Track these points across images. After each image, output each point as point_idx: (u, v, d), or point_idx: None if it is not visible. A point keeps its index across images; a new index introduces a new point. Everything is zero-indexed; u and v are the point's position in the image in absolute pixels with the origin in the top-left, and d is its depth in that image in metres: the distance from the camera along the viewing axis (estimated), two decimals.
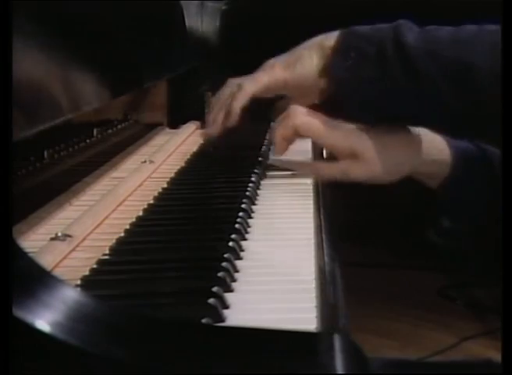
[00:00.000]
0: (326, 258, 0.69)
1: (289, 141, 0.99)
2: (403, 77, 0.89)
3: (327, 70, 0.94)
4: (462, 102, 0.87)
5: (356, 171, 0.93)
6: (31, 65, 0.77)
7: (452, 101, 0.87)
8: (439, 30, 0.92)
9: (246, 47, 1.68)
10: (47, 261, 0.65)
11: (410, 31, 0.90)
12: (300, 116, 0.96)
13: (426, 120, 0.92)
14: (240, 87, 1.00)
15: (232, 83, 1.03)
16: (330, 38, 0.96)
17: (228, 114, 1.00)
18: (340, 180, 0.95)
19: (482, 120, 0.86)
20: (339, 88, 0.92)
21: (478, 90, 0.85)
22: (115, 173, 1.02)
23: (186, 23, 1.47)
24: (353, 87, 0.91)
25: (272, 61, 1.02)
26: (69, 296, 0.46)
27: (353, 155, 0.93)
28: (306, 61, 0.97)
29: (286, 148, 0.99)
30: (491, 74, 0.83)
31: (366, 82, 0.90)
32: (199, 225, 0.80)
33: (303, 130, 0.96)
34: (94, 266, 0.67)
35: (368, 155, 0.92)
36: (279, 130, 0.99)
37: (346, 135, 0.94)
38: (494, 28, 0.86)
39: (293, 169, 1.01)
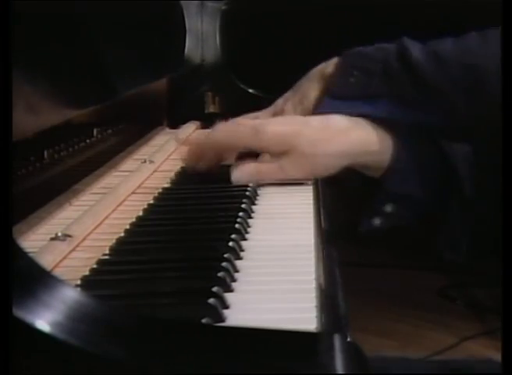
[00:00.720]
0: (326, 258, 0.69)
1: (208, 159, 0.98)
2: (413, 92, 0.91)
3: (328, 90, 0.97)
4: (475, 109, 0.89)
5: (291, 168, 0.91)
6: (31, 65, 0.77)
7: (464, 108, 0.89)
8: (442, 41, 0.94)
9: (246, 47, 1.68)
10: (47, 261, 0.65)
11: (413, 46, 0.92)
12: (216, 132, 0.97)
13: (438, 131, 0.92)
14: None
15: (245, 127, 0.95)
16: (329, 65, 0.98)
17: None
18: (280, 180, 0.93)
19: (494, 124, 0.86)
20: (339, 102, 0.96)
21: (490, 93, 0.86)
22: (115, 173, 1.02)
23: (186, 23, 1.47)
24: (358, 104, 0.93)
25: (280, 103, 1.05)
26: (69, 296, 0.46)
27: (285, 152, 0.90)
28: (311, 94, 0.99)
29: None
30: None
31: (372, 97, 0.92)
32: (199, 225, 0.80)
33: (220, 146, 0.96)
34: (94, 266, 0.67)
35: (299, 151, 0.90)
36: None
37: (275, 133, 0.91)
38: (497, 30, 0.87)
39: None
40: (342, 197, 0.95)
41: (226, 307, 0.57)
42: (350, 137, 0.92)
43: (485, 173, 0.87)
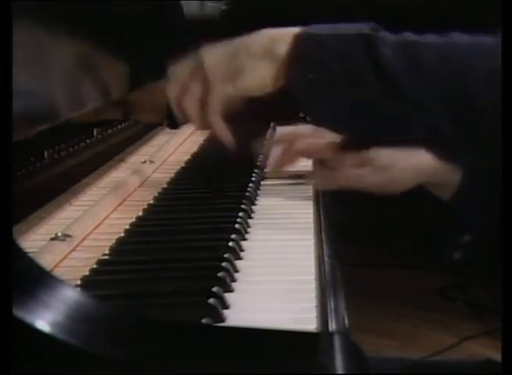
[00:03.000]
0: (326, 258, 0.69)
1: (291, 163, 1.00)
2: (383, 97, 0.77)
3: (286, 84, 0.83)
4: (462, 126, 0.77)
5: (369, 178, 0.90)
6: (31, 65, 0.77)
7: (450, 127, 0.76)
8: (421, 40, 0.78)
9: None
10: (47, 261, 0.65)
11: (384, 43, 0.77)
12: (303, 141, 0.96)
13: (412, 142, 0.84)
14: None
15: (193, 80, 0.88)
16: (281, 44, 0.81)
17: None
18: (352, 187, 0.92)
19: (488, 140, 0.77)
20: (302, 102, 0.83)
21: (478, 121, 0.75)
22: (115, 173, 1.02)
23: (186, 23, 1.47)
24: (321, 103, 0.81)
25: (207, 73, 0.86)
26: (69, 296, 0.46)
27: (364, 163, 0.90)
28: (254, 73, 0.83)
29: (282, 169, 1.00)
30: (492, 106, 0.73)
31: (335, 98, 0.80)
32: (199, 225, 0.80)
33: (308, 154, 0.97)
34: (94, 266, 0.67)
35: (381, 162, 0.89)
36: (282, 156, 0.99)
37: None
38: (490, 42, 0.75)
39: (294, 180, 0.98)
40: (342, 197, 0.94)
41: (226, 307, 0.57)
42: (428, 154, 0.90)
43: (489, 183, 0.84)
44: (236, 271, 0.65)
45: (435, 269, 2.27)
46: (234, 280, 0.63)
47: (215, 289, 0.58)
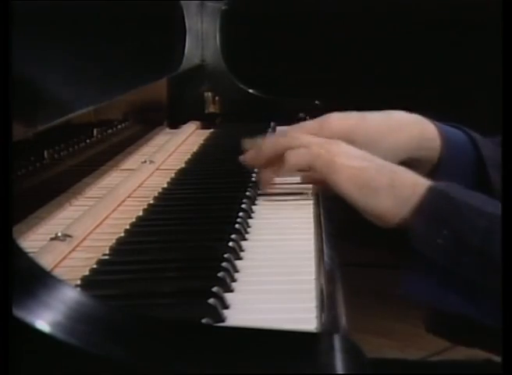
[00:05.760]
0: (326, 258, 0.69)
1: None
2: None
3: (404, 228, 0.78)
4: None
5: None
6: (31, 65, 0.77)
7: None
8: None
9: (246, 47, 1.68)
10: (47, 261, 0.65)
11: None
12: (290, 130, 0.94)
13: None
14: None
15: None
16: (416, 192, 0.77)
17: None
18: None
19: None
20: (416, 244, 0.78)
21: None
22: (115, 173, 1.02)
23: (186, 23, 1.47)
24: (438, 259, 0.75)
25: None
26: (69, 296, 0.46)
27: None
28: (375, 200, 0.79)
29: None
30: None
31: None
32: (199, 225, 0.80)
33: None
34: (94, 266, 0.67)
35: (360, 144, 0.88)
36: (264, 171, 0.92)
37: (337, 127, 0.91)
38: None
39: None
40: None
41: (226, 307, 0.57)
42: (410, 132, 0.93)
43: None
44: (236, 271, 0.65)
45: None
46: (234, 280, 0.63)
47: (215, 289, 0.58)
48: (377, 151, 0.90)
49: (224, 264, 0.64)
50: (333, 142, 0.86)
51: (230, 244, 0.70)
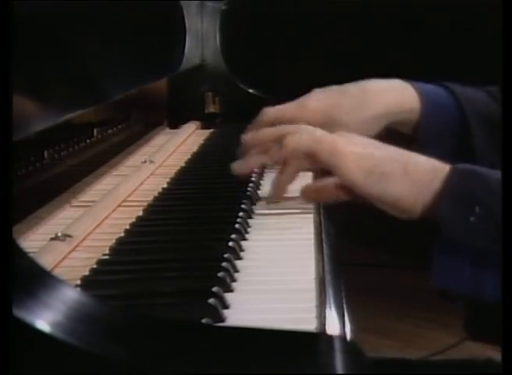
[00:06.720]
0: (326, 259, 0.69)
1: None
2: None
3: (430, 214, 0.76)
4: None
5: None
6: (31, 65, 0.77)
7: None
8: None
9: (246, 47, 1.68)
10: (47, 261, 0.65)
11: None
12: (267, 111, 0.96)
13: None
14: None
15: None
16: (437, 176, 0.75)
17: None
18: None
19: None
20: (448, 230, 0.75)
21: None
22: (115, 173, 1.02)
23: (186, 23, 1.47)
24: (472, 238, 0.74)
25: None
26: (69, 296, 0.46)
27: (327, 124, 0.89)
28: (392, 189, 0.76)
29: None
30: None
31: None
32: (199, 225, 0.80)
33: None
34: (94, 266, 0.67)
35: (339, 121, 0.92)
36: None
37: (315, 107, 0.94)
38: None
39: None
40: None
41: (226, 307, 0.57)
42: (387, 99, 0.95)
43: None
44: (236, 271, 0.65)
45: None
46: (234, 280, 0.63)
47: (215, 289, 0.58)
48: (358, 122, 0.92)
49: (224, 264, 0.64)
50: (337, 133, 0.84)
51: (230, 244, 0.70)
